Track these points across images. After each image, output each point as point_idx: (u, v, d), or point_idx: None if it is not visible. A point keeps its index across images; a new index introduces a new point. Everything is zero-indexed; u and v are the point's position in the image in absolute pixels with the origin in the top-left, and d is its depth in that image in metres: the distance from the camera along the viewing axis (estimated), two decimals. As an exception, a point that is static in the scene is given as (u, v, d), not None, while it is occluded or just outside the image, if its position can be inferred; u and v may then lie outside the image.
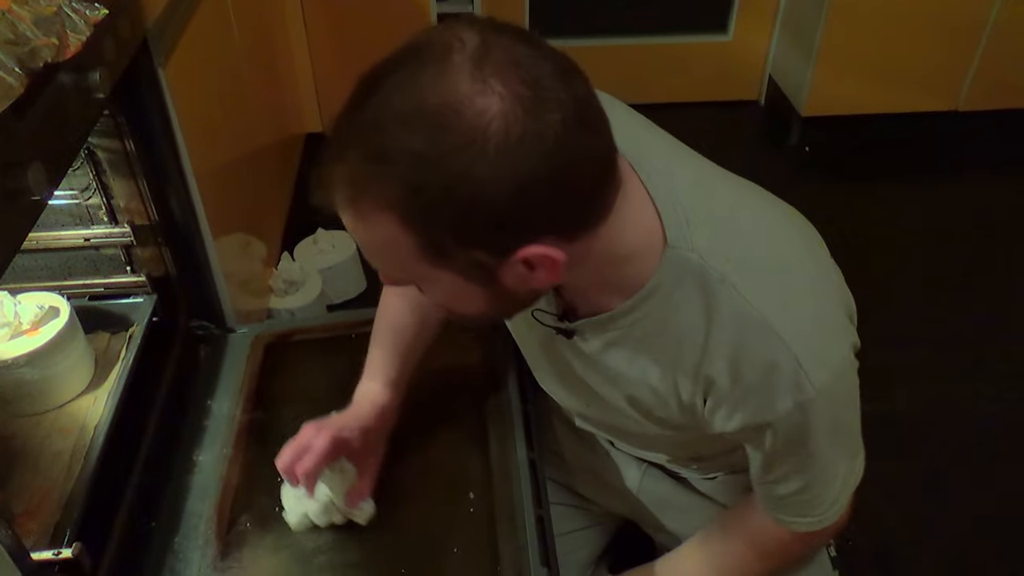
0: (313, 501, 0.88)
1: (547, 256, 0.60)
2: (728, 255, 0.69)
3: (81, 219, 1.11)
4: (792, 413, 0.70)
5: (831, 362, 0.71)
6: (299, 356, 1.15)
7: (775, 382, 0.69)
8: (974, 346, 1.88)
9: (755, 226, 0.73)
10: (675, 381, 0.75)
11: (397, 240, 0.59)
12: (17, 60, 0.61)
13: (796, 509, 0.81)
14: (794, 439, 0.73)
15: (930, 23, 2.32)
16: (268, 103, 1.92)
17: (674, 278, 0.69)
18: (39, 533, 0.84)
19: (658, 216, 0.69)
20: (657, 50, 2.67)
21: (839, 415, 0.74)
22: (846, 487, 0.81)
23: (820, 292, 0.74)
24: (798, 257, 0.74)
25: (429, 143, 0.54)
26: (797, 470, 0.77)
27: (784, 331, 0.68)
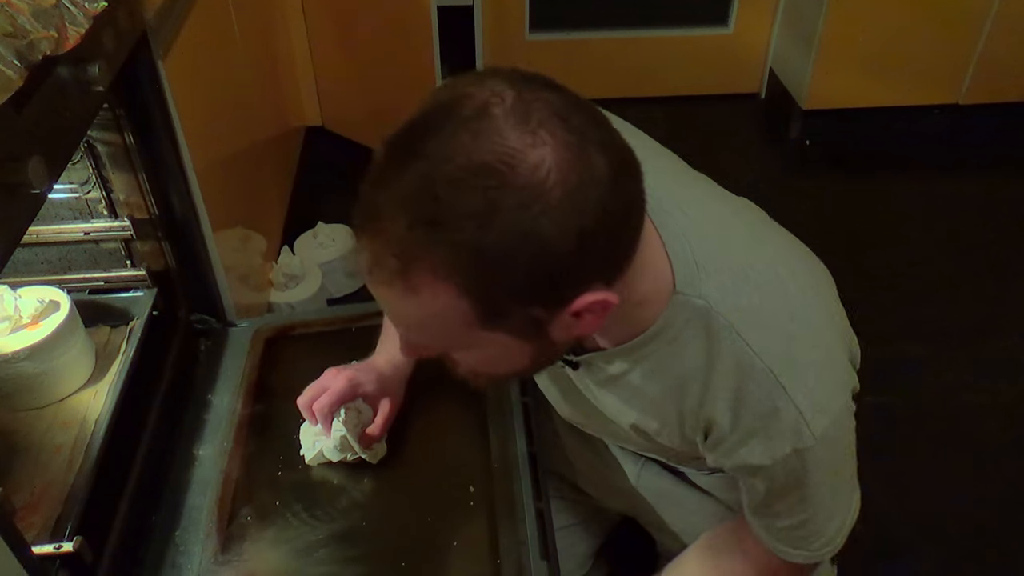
0: (329, 439, 0.94)
1: (602, 302, 0.58)
2: (737, 304, 0.69)
3: (81, 213, 1.10)
4: (790, 458, 0.70)
5: (831, 410, 0.71)
6: (299, 350, 1.15)
7: (774, 428, 0.70)
8: (974, 340, 1.88)
9: (766, 276, 0.72)
10: (678, 416, 0.76)
11: (452, 309, 0.56)
12: (16, 53, 0.61)
13: (792, 543, 0.80)
14: (791, 483, 0.73)
15: (931, 16, 2.32)
16: (268, 96, 1.92)
17: (681, 321, 0.69)
18: (40, 527, 0.84)
19: (668, 261, 0.68)
20: (657, 43, 2.67)
21: (837, 461, 0.75)
22: (843, 528, 0.80)
23: (825, 342, 0.73)
24: (806, 307, 0.73)
25: (487, 203, 0.51)
26: (793, 510, 0.76)
27: (787, 382, 0.68)
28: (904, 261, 2.12)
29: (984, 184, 2.44)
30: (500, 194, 0.52)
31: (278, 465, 0.97)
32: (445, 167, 0.52)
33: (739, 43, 2.68)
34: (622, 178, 0.56)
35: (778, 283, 0.72)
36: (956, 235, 2.23)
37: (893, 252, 2.15)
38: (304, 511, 0.92)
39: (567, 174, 0.52)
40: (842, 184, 2.42)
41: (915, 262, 2.12)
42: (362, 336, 1.00)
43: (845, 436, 0.75)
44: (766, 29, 2.65)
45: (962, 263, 2.13)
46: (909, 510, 1.50)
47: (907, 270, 2.08)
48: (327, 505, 0.93)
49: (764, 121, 2.71)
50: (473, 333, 0.59)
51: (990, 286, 2.05)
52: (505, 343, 0.61)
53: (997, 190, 2.41)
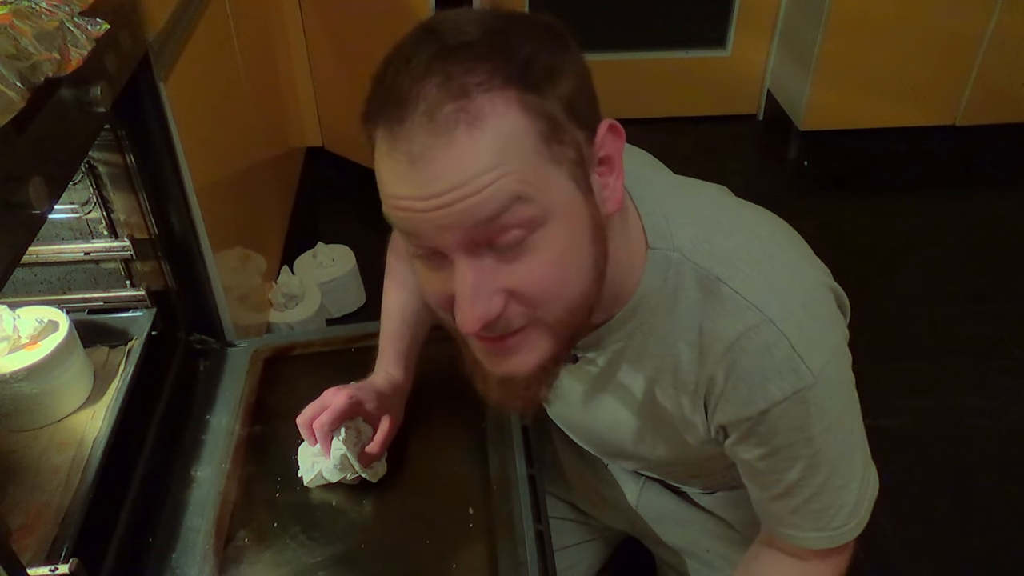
0: (328, 459, 0.93)
1: (614, 127, 0.62)
2: (710, 250, 0.69)
3: (81, 233, 1.11)
4: (790, 401, 0.68)
5: (827, 344, 0.69)
6: (298, 370, 1.15)
7: (768, 366, 0.67)
8: (975, 361, 1.88)
9: (735, 223, 0.73)
10: (677, 391, 0.74)
11: (520, 131, 0.56)
12: (18, 74, 0.61)
13: (811, 521, 0.76)
14: (794, 433, 0.70)
15: (927, 38, 2.34)
16: (268, 117, 1.93)
17: (659, 279, 0.70)
18: (36, 548, 0.84)
19: (641, 223, 0.70)
20: (656, 65, 2.69)
21: (842, 409, 0.72)
22: (863, 498, 0.76)
23: (807, 276, 0.73)
24: (780, 246, 0.73)
25: (522, 31, 0.59)
26: (805, 474, 0.73)
27: (775, 315, 0.67)
28: (903, 282, 2.12)
29: (982, 204, 2.45)
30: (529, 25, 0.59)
31: (276, 486, 0.97)
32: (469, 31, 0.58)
33: (737, 65, 2.70)
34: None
35: (748, 228, 0.73)
36: (955, 256, 2.23)
37: (892, 273, 2.15)
38: (302, 533, 0.92)
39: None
40: (840, 205, 2.43)
41: (914, 283, 2.12)
42: (361, 356, 1.00)
43: (846, 378, 0.72)
44: (764, 51, 2.67)
45: (962, 283, 2.13)
46: (911, 534, 1.49)
47: (906, 291, 2.08)
48: (325, 527, 0.92)
49: (762, 142, 2.72)
50: (544, 168, 0.58)
51: (990, 306, 2.05)
52: (568, 197, 0.60)
53: (995, 210, 2.42)
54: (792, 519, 0.77)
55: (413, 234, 0.60)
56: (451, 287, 0.61)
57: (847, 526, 0.76)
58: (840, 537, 0.76)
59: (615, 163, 0.64)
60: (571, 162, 0.59)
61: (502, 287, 0.60)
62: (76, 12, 0.73)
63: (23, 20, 0.65)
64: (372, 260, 1.94)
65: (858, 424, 0.75)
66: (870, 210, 2.41)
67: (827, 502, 0.74)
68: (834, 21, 2.28)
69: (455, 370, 1.09)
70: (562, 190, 0.59)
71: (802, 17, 2.45)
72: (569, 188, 0.60)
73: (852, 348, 0.73)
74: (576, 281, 0.63)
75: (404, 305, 1.01)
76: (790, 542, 0.79)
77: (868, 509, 0.77)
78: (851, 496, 0.75)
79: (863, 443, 0.76)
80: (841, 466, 0.73)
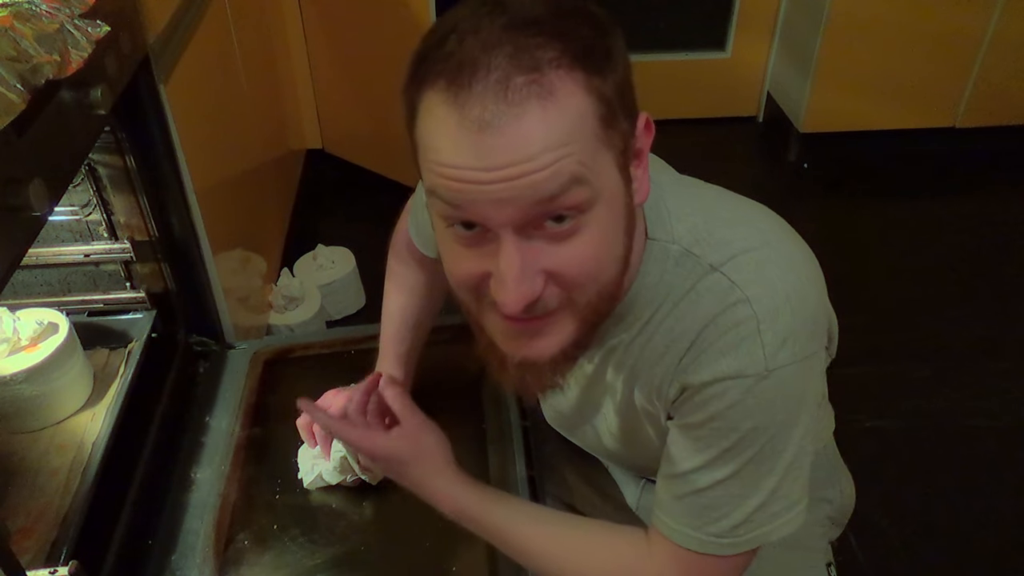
0: (328, 461, 0.94)
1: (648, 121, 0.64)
2: (709, 240, 0.69)
3: (81, 235, 1.11)
4: (734, 382, 0.65)
5: (794, 346, 0.66)
6: (298, 372, 1.15)
7: (729, 342, 0.65)
8: (974, 362, 1.88)
9: (737, 214, 0.73)
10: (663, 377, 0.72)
11: (584, 112, 0.57)
12: (19, 77, 0.61)
13: (689, 515, 0.70)
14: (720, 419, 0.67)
15: (927, 40, 2.34)
16: (269, 119, 1.93)
17: (658, 272, 0.69)
18: (36, 550, 0.84)
19: (643, 215, 0.70)
20: (656, 67, 2.69)
21: (782, 419, 0.67)
22: (754, 524, 0.70)
23: (804, 280, 0.70)
24: (780, 240, 0.72)
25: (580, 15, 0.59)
26: (708, 464, 0.68)
27: (752, 295, 0.66)
28: (902, 283, 2.12)
29: (982, 206, 2.45)
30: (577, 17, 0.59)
31: (276, 489, 0.97)
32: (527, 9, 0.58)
33: (737, 67, 2.71)
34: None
35: (748, 220, 0.72)
36: (954, 257, 2.23)
37: (891, 274, 2.15)
38: (302, 535, 0.92)
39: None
40: (840, 207, 2.43)
41: (913, 284, 2.12)
42: (361, 358, 1.00)
43: (800, 395, 0.67)
44: (763, 53, 2.67)
45: (960, 285, 2.13)
46: (908, 536, 1.49)
47: (905, 292, 2.08)
48: (325, 529, 0.92)
49: (762, 144, 2.73)
50: (599, 153, 0.58)
51: (988, 308, 2.05)
52: (614, 184, 0.61)
53: (995, 212, 2.42)
54: (673, 505, 0.72)
55: (462, 206, 0.58)
56: (486, 265, 0.61)
57: (721, 539, 0.70)
58: (706, 545, 0.70)
59: (644, 156, 0.65)
60: (618, 149, 0.60)
61: (544, 268, 0.60)
62: (77, 14, 0.73)
63: (24, 22, 0.65)
64: (372, 262, 1.94)
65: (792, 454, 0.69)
66: (870, 212, 2.41)
67: (715, 502, 0.69)
68: (834, 23, 2.28)
69: (455, 371, 1.10)
70: (610, 175, 0.60)
71: (802, 19, 2.45)
72: (615, 174, 0.60)
73: (851, 349, 0.71)
74: (610, 266, 0.63)
75: (405, 307, 1.01)
76: (658, 527, 0.74)
77: (753, 540, 0.70)
78: (743, 511, 0.69)
79: (790, 476, 0.70)
80: (748, 476, 0.68)
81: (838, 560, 1.02)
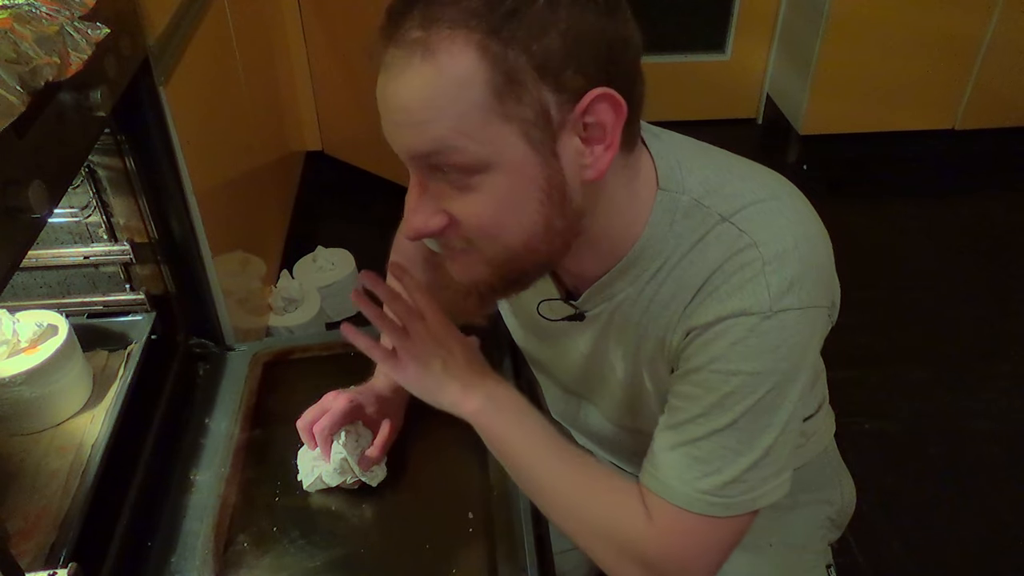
0: (328, 463, 0.93)
1: (611, 98, 0.59)
2: (720, 191, 0.69)
3: (81, 237, 1.11)
4: (736, 320, 0.65)
5: (800, 291, 0.66)
6: (298, 374, 1.15)
7: (735, 283, 0.66)
8: (974, 364, 1.88)
9: (747, 171, 0.74)
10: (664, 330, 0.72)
11: (469, 78, 0.56)
12: (19, 79, 0.61)
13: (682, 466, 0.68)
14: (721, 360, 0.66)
15: (926, 42, 2.34)
16: (268, 122, 1.93)
17: (667, 223, 0.69)
18: (35, 553, 0.84)
19: (653, 164, 0.70)
20: (655, 69, 2.69)
21: (784, 368, 0.66)
22: (747, 487, 0.68)
23: (812, 233, 0.70)
24: (792, 196, 0.72)
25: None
26: (707, 411, 0.67)
27: (760, 240, 0.66)
28: (902, 285, 2.12)
29: (982, 208, 2.45)
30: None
31: (276, 491, 0.97)
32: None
33: (736, 69, 2.71)
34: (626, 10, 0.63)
35: (760, 175, 0.73)
36: (954, 259, 2.24)
37: (891, 276, 2.15)
38: (302, 537, 0.92)
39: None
40: (839, 209, 2.44)
41: (913, 286, 2.12)
42: (361, 360, 1.00)
43: (804, 342, 0.67)
44: (763, 56, 2.67)
45: (961, 286, 2.13)
46: (908, 538, 1.49)
47: (905, 294, 2.09)
48: (325, 531, 0.92)
49: (761, 146, 2.73)
50: (488, 123, 0.58)
51: (989, 309, 2.05)
52: (516, 154, 0.59)
53: (995, 214, 2.42)
54: (665, 456, 0.70)
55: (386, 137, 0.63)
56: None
57: (711, 497, 0.68)
58: (694, 502, 0.68)
59: (606, 133, 0.62)
60: (527, 122, 0.59)
61: (444, 209, 0.63)
62: (76, 16, 0.73)
63: (23, 24, 0.65)
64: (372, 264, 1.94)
65: (787, 412, 0.68)
66: (869, 214, 2.42)
67: (709, 455, 0.68)
68: (833, 25, 2.28)
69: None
70: (509, 146, 0.59)
71: (801, 21, 2.45)
72: (518, 146, 0.59)
73: (851, 351, 0.72)
74: (516, 231, 0.64)
75: None
76: (645, 482, 0.72)
77: (742, 504, 0.68)
78: (735, 468, 0.67)
79: (782, 438, 0.68)
80: (745, 428, 0.67)
81: (838, 562, 1.02)
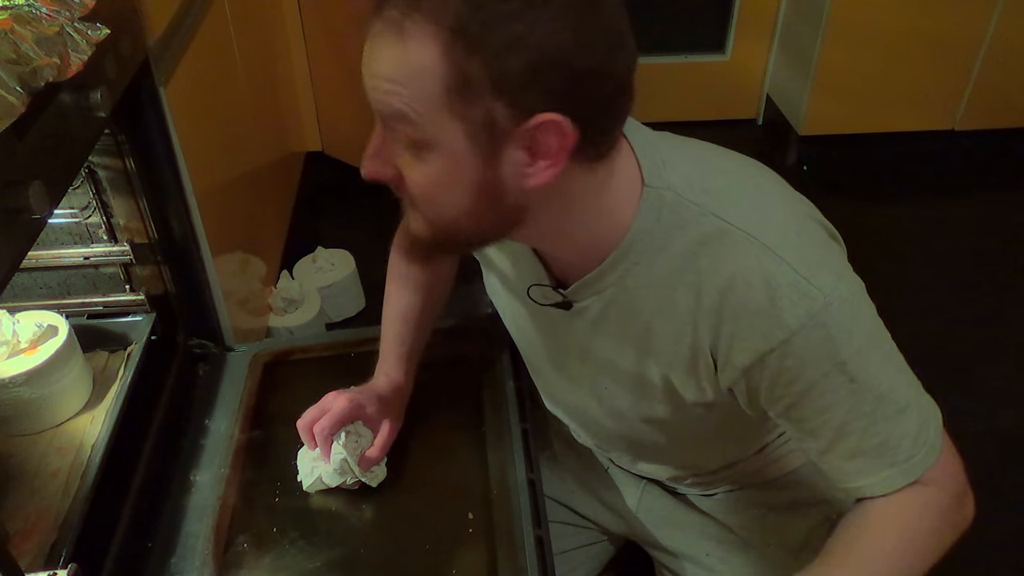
0: (328, 464, 0.93)
1: (558, 125, 0.60)
2: (704, 187, 0.71)
3: (80, 237, 1.11)
4: (808, 328, 0.66)
5: (829, 267, 0.68)
6: (298, 375, 1.15)
7: (777, 294, 0.66)
8: (973, 364, 1.88)
9: (726, 164, 0.76)
10: (676, 338, 0.73)
11: (428, 71, 0.59)
12: (19, 79, 0.61)
13: (876, 460, 0.70)
14: (825, 362, 0.67)
15: (926, 43, 2.34)
16: (268, 122, 1.93)
17: (653, 218, 0.70)
18: (35, 553, 0.84)
19: (637, 162, 0.71)
20: (655, 69, 2.69)
21: (868, 328, 0.69)
22: (926, 423, 0.71)
23: (799, 212, 0.73)
24: (773, 182, 0.75)
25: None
26: (852, 405, 0.68)
27: (772, 243, 0.67)
28: (901, 285, 2.12)
29: (981, 209, 2.45)
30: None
31: (276, 491, 0.97)
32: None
33: (736, 70, 2.71)
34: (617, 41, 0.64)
35: (738, 168, 0.75)
36: (953, 259, 2.24)
37: (890, 277, 2.15)
38: (301, 538, 0.92)
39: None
40: (839, 209, 2.40)
41: (912, 286, 2.12)
42: (361, 361, 1.00)
43: (863, 300, 0.70)
44: (763, 56, 2.67)
45: (959, 287, 2.13)
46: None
47: (904, 294, 2.09)
48: (325, 532, 0.92)
49: (761, 147, 2.73)
50: (434, 117, 0.61)
51: (988, 310, 2.05)
52: (455, 148, 0.62)
53: (994, 214, 2.42)
54: (857, 465, 0.72)
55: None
56: None
57: (916, 455, 0.71)
58: (913, 468, 0.71)
59: (550, 156, 0.63)
60: (474, 124, 0.61)
61: (396, 166, 0.66)
62: (76, 17, 0.73)
63: (23, 25, 0.65)
64: (372, 264, 1.94)
65: (895, 350, 0.72)
66: (869, 215, 2.42)
67: (886, 432, 0.70)
68: (833, 26, 2.28)
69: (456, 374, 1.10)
70: (451, 139, 0.62)
71: (801, 22, 2.45)
72: (460, 141, 0.62)
73: None
74: (445, 211, 0.67)
75: (407, 307, 1.01)
76: (867, 493, 0.73)
77: (937, 435, 0.73)
78: (911, 422, 0.71)
79: (908, 370, 0.73)
80: (888, 389, 0.70)
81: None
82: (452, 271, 1.08)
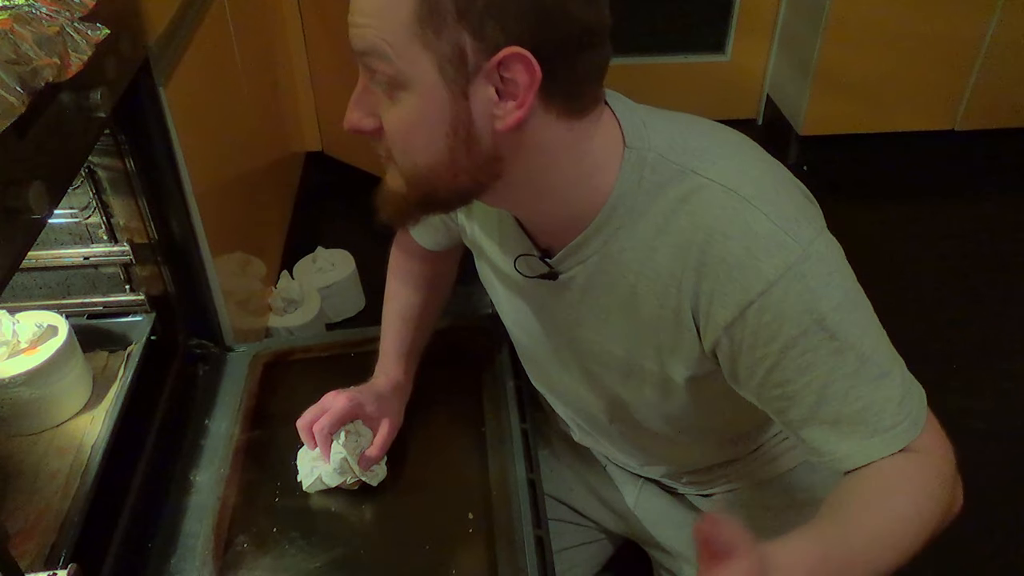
0: (327, 464, 0.93)
1: (524, 61, 0.61)
2: (685, 147, 0.71)
3: (81, 237, 1.11)
4: (786, 278, 0.65)
5: (807, 222, 0.68)
6: (297, 375, 1.15)
7: (754, 245, 0.66)
8: (970, 365, 1.88)
9: (707, 127, 0.76)
10: (660, 301, 0.73)
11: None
12: (19, 79, 0.61)
13: (859, 427, 0.68)
14: (804, 316, 0.66)
15: (927, 43, 2.34)
16: (268, 122, 1.93)
17: (635, 180, 0.70)
18: (35, 554, 0.84)
19: (619, 124, 0.71)
20: (655, 70, 2.69)
21: (848, 286, 0.68)
22: (909, 394, 0.70)
23: (777, 169, 0.75)
24: (752, 146, 0.76)
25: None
26: (833, 364, 0.67)
27: (750, 195, 0.68)
28: (901, 286, 2.12)
29: (981, 209, 2.45)
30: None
31: (275, 491, 0.97)
32: None
33: (736, 70, 2.71)
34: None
35: (720, 130, 0.77)
36: (954, 259, 2.24)
37: (890, 277, 2.15)
38: (301, 538, 0.92)
39: None
40: (839, 210, 2.41)
41: (913, 287, 2.12)
42: (361, 361, 1.00)
43: (841, 260, 0.69)
44: (763, 56, 2.67)
45: (960, 287, 2.13)
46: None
47: (905, 295, 2.09)
48: (325, 532, 0.92)
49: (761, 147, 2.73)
50: (409, 43, 0.62)
51: (988, 310, 2.05)
52: (429, 81, 0.63)
53: (994, 215, 2.42)
54: (840, 431, 0.69)
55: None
56: None
57: (900, 425, 0.69)
58: (896, 438, 0.69)
59: (518, 94, 0.63)
60: (443, 56, 0.62)
61: (377, 114, 0.67)
62: (76, 17, 0.73)
63: (23, 25, 0.65)
64: (372, 264, 1.95)
65: (876, 320, 0.71)
66: (869, 215, 2.42)
67: (868, 396, 0.68)
68: (833, 26, 2.28)
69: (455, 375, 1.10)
70: (424, 72, 0.63)
71: (801, 22, 2.45)
72: (432, 75, 0.63)
73: None
74: (422, 153, 0.67)
75: (408, 305, 1.02)
76: (849, 464, 0.70)
77: (921, 411, 0.70)
78: (894, 388, 0.69)
79: (889, 343, 0.71)
80: (870, 351, 0.68)
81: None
82: (453, 269, 1.08)
